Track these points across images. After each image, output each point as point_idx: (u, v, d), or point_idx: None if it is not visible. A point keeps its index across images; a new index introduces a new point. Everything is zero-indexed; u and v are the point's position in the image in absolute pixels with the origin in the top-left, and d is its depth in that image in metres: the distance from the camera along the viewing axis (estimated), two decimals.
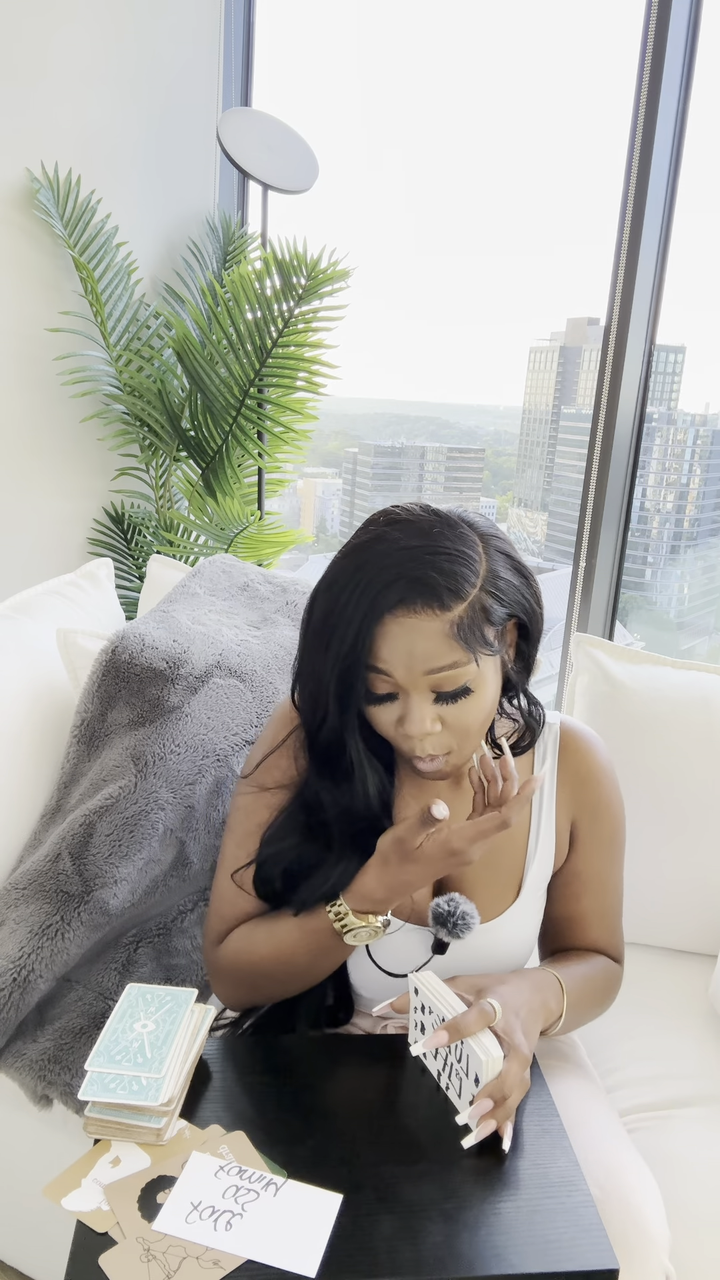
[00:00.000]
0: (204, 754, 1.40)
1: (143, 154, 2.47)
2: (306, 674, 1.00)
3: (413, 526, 0.94)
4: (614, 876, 1.17)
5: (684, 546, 2.91)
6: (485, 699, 0.97)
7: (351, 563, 0.94)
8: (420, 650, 0.92)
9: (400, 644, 0.92)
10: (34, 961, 1.24)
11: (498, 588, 0.95)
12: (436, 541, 0.93)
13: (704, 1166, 1.17)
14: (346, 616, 0.93)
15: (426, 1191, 0.84)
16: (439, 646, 0.92)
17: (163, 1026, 0.93)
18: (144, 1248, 0.78)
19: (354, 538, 0.98)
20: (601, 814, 1.14)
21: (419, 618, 0.91)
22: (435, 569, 0.91)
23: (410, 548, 0.92)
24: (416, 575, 0.91)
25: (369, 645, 0.93)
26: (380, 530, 0.95)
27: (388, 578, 0.91)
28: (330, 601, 0.95)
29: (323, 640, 0.95)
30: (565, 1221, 0.81)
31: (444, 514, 0.96)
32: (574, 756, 1.14)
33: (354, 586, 0.93)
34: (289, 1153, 0.87)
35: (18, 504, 2.47)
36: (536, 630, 1.02)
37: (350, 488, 3.52)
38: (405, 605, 0.91)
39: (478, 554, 0.95)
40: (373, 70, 2.93)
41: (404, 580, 0.91)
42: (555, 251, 2.90)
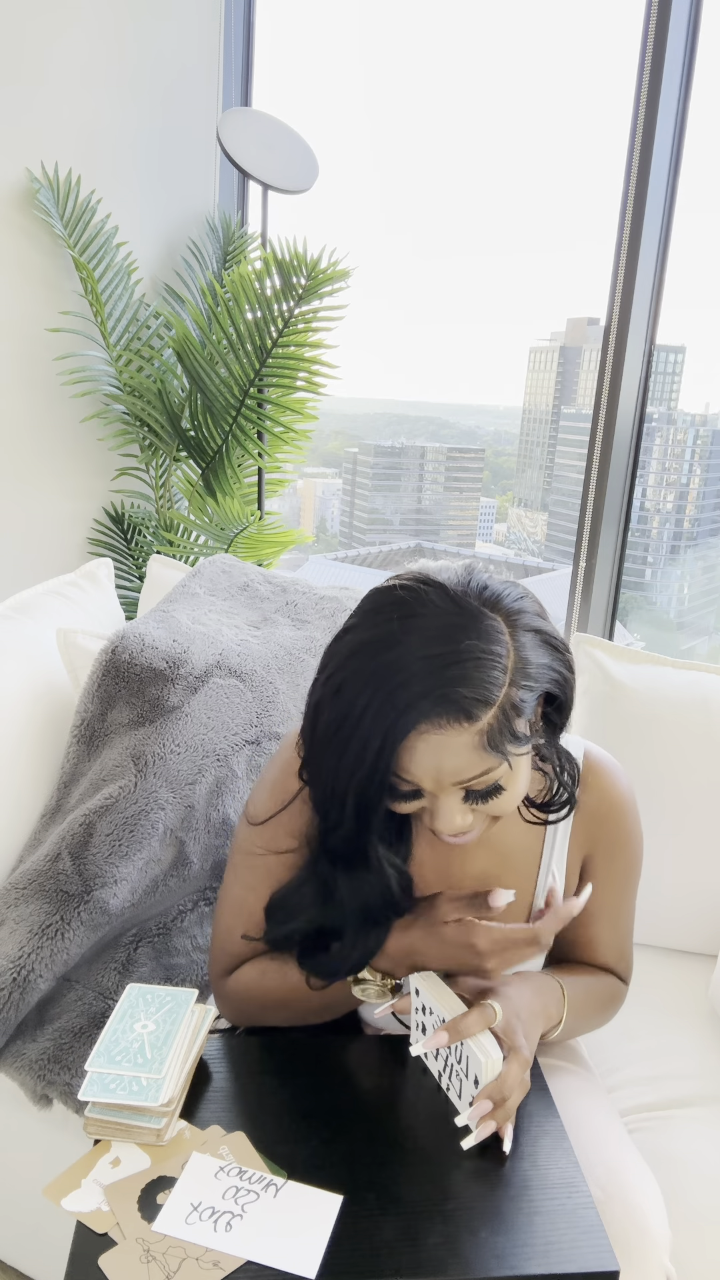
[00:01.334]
0: (204, 754, 1.40)
1: (143, 154, 2.47)
2: (317, 778, 0.92)
3: (430, 625, 0.84)
4: (626, 906, 1.13)
5: (684, 546, 2.91)
6: (518, 787, 0.91)
7: (363, 667, 0.84)
8: (449, 766, 0.85)
9: (426, 760, 0.85)
10: (34, 961, 1.24)
11: (528, 675, 0.86)
12: (460, 647, 0.83)
13: (704, 1166, 1.17)
14: (363, 733, 0.84)
15: (427, 1192, 0.84)
16: (468, 759, 0.85)
17: (163, 1027, 0.93)
18: (144, 1248, 0.78)
19: (362, 626, 0.87)
20: (618, 852, 1.10)
21: (445, 733, 0.83)
22: (462, 680, 0.82)
23: (430, 657, 0.82)
24: (441, 692, 0.82)
25: (392, 765, 0.85)
26: (393, 628, 0.84)
27: (409, 696, 0.82)
28: (341, 710, 0.85)
29: (335, 752, 0.86)
30: (566, 1223, 0.81)
31: (463, 600, 0.85)
32: (593, 793, 1.08)
33: (369, 699, 0.83)
34: (289, 1154, 0.87)
35: (18, 504, 2.47)
36: (569, 698, 0.94)
37: (350, 488, 3.52)
38: (429, 721, 0.83)
39: (504, 646, 0.85)
40: (373, 70, 2.93)
41: (428, 699, 0.82)
42: (555, 251, 2.90)
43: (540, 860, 1.09)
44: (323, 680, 0.89)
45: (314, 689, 0.90)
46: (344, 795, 0.88)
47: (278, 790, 1.06)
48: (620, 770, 1.12)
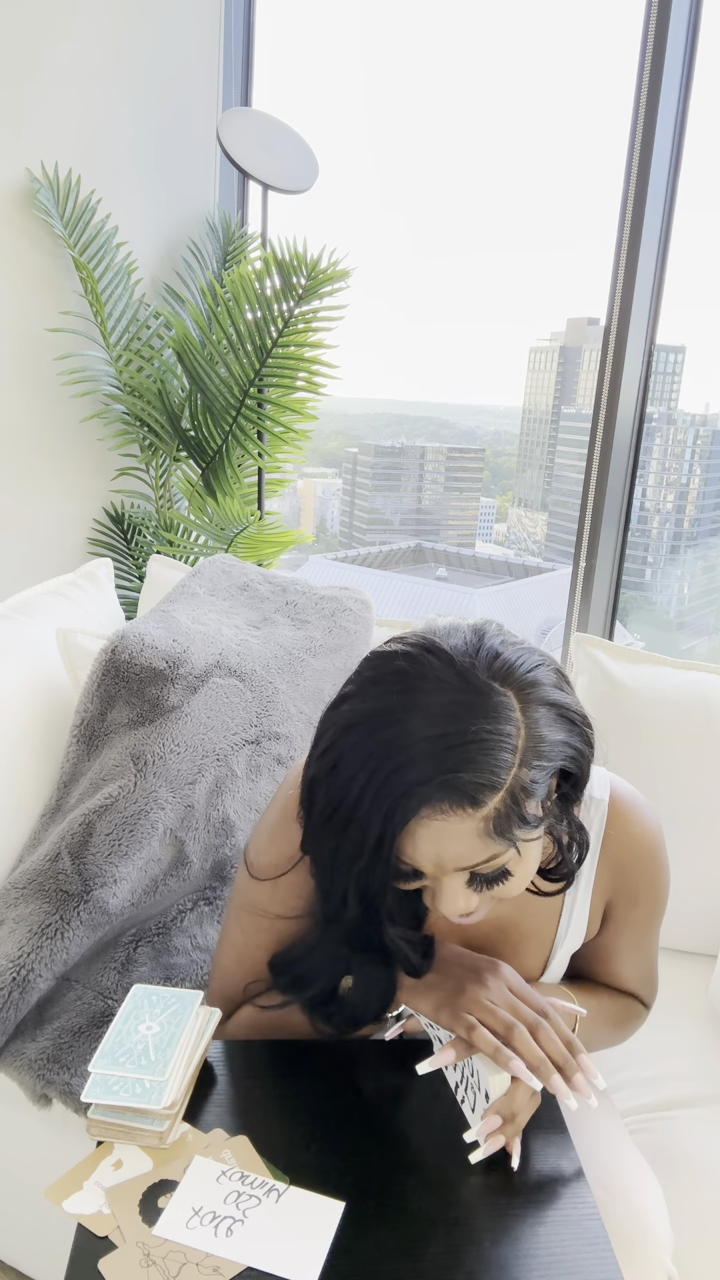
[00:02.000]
0: (204, 754, 1.40)
1: (143, 154, 2.46)
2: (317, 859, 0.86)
3: (433, 701, 0.77)
4: (650, 940, 1.09)
5: (684, 546, 2.91)
6: (528, 870, 0.85)
7: (361, 744, 0.78)
8: (450, 853, 0.79)
9: (427, 847, 0.79)
10: (33, 961, 1.23)
11: (540, 754, 0.79)
12: (464, 729, 0.76)
13: (705, 1166, 1.17)
14: (361, 818, 0.78)
15: (430, 1201, 0.83)
16: (472, 846, 0.79)
17: (167, 1029, 0.93)
18: (144, 1252, 0.78)
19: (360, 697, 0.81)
20: (643, 895, 1.05)
21: (448, 820, 0.77)
22: (467, 764, 0.76)
23: (433, 739, 0.76)
24: (444, 778, 0.76)
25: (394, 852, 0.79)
26: (394, 702, 0.78)
27: (408, 781, 0.76)
28: (339, 791, 0.79)
29: (333, 834, 0.81)
30: (570, 1234, 0.81)
31: (470, 675, 0.78)
32: (621, 836, 1.02)
33: (367, 780, 0.77)
34: (292, 1159, 0.87)
35: (18, 504, 2.47)
36: (586, 770, 0.87)
37: (350, 488, 3.52)
38: (432, 807, 0.76)
39: (514, 724, 0.78)
40: (373, 70, 2.93)
41: (429, 785, 0.76)
42: (555, 251, 2.90)
43: (562, 906, 1.05)
44: (319, 754, 0.82)
45: (310, 762, 0.84)
46: (345, 883, 0.83)
47: (278, 837, 0.99)
48: (648, 809, 1.05)
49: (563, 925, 1.05)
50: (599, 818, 1.02)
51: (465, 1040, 0.89)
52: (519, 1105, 0.87)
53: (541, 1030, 0.89)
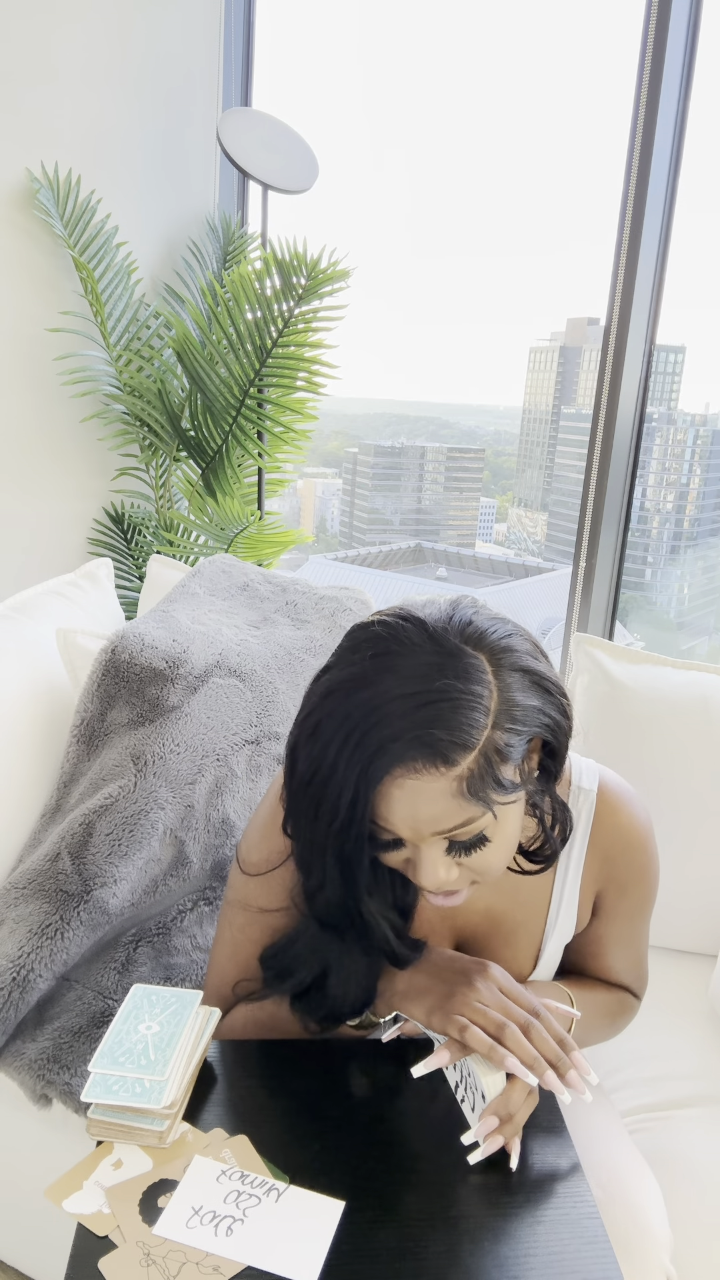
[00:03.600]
0: (204, 754, 1.40)
1: (143, 154, 2.46)
2: (298, 831, 0.87)
3: (406, 664, 0.79)
4: (640, 932, 1.10)
5: (684, 546, 2.91)
6: (507, 840, 0.86)
7: (337, 709, 0.79)
8: (425, 814, 0.79)
9: (402, 808, 0.80)
10: (33, 961, 1.24)
11: (514, 719, 0.80)
12: (436, 686, 0.78)
13: (704, 1167, 1.17)
14: (337, 781, 0.79)
15: (430, 1200, 0.83)
16: (446, 807, 0.79)
17: (167, 1028, 0.93)
18: (144, 1252, 0.78)
19: (339, 665, 0.82)
20: (632, 886, 1.05)
21: (422, 779, 0.78)
22: (437, 722, 0.77)
23: (404, 697, 0.77)
24: (415, 734, 0.77)
25: (368, 812, 0.80)
26: (367, 668, 0.79)
27: (381, 738, 0.77)
28: (317, 755, 0.80)
29: (311, 804, 0.82)
30: (569, 1233, 0.81)
31: (443, 638, 0.80)
32: (609, 826, 1.03)
33: (343, 741, 0.78)
34: (292, 1158, 0.87)
35: (18, 504, 2.47)
36: (563, 746, 0.88)
37: (350, 488, 3.52)
38: (404, 765, 0.77)
39: (486, 687, 0.79)
40: (373, 70, 2.93)
41: (402, 741, 0.77)
42: (555, 251, 2.90)
43: (551, 896, 1.05)
44: (300, 721, 0.84)
45: (292, 732, 0.85)
46: (323, 850, 0.84)
47: (269, 833, 1.01)
48: (637, 800, 1.06)
49: (552, 916, 1.05)
50: (588, 808, 1.03)
51: (459, 1041, 0.89)
52: (515, 1105, 0.87)
53: (533, 1029, 0.89)
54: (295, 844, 0.89)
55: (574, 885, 1.04)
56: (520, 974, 1.06)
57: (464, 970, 0.93)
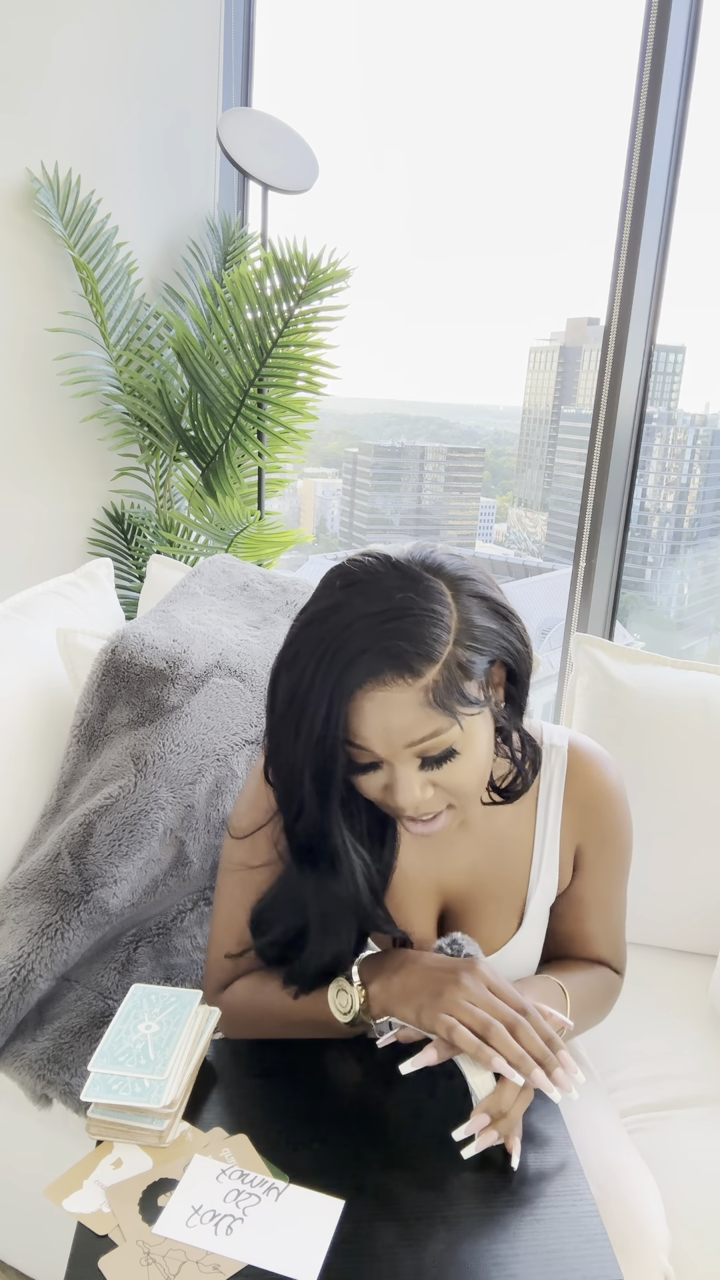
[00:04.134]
0: (204, 754, 1.40)
1: (143, 154, 2.47)
2: (278, 763, 0.92)
3: (372, 588, 0.86)
4: (619, 897, 1.14)
5: (684, 546, 2.91)
6: (477, 756, 0.91)
7: (312, 635, 0.86)
8: (397, 724, 0.85)
9: (375, 720, 0.85)
10: (34, 961, 1.24)
11: (474, 638, 0.87)
12: (400, 604, 0.84)
13: (704, 1166, 1.17)
14: (314, 698, 0.85)
15: (429, 1198, 0.83)
16: (415, 717, 0.85)
17: (167, 1028, 0.93)
18: (144, 1251, 0.78)
19: (313, 602, 0.89)
20: (609, 841, 1.10)
21: (390, 689, 0.84)
22: (401, 635, 0.83)
23: (372, 614, 0.84)
24: (383, 646, 0.83)
25: (342, 726, 0.85)
26: (338, 597, 0.86)
27: (351, 652, 0.83)
28: (295, 679, 0.87)
29: (291, 725, 0.87)
30: (568, 1231, 0.81)
31: (405, 566, 0.87)
32: (581, 782, 1.08)
33: (318, 661, 0.85)
34: (291, 1157, 0.87)
35: (18, 504, 2.47)
36: (524, 670, 0.94)
37: (350, 488, 3.52)
38: (374, 678, 0.84)
39: (447, 607, 0.86)
40: (373, 70, 2.93)
41: (369, 653, 0.83)
42: (555, 251, 2.90)
43: (532, 851, 1.09)
44: (279, 655, 0.91)
45: (273, 666, 0.92)
46: (302, 771, 0.89)
47: (258, 802, 1.05)
48: (609, 760, 1.12)
49: (534, 871, 1.09)
50: (560, 764, 1.09)
51: (446, 1040, 0.90)
52: (507, 1103, 0.88)
53: (520, 1028, 0.90)
54: (277, 776, 0.93)
55: (554, 840, 1.09)
56: (506, 932, 1.09)
57: (452, 969, 0.94)
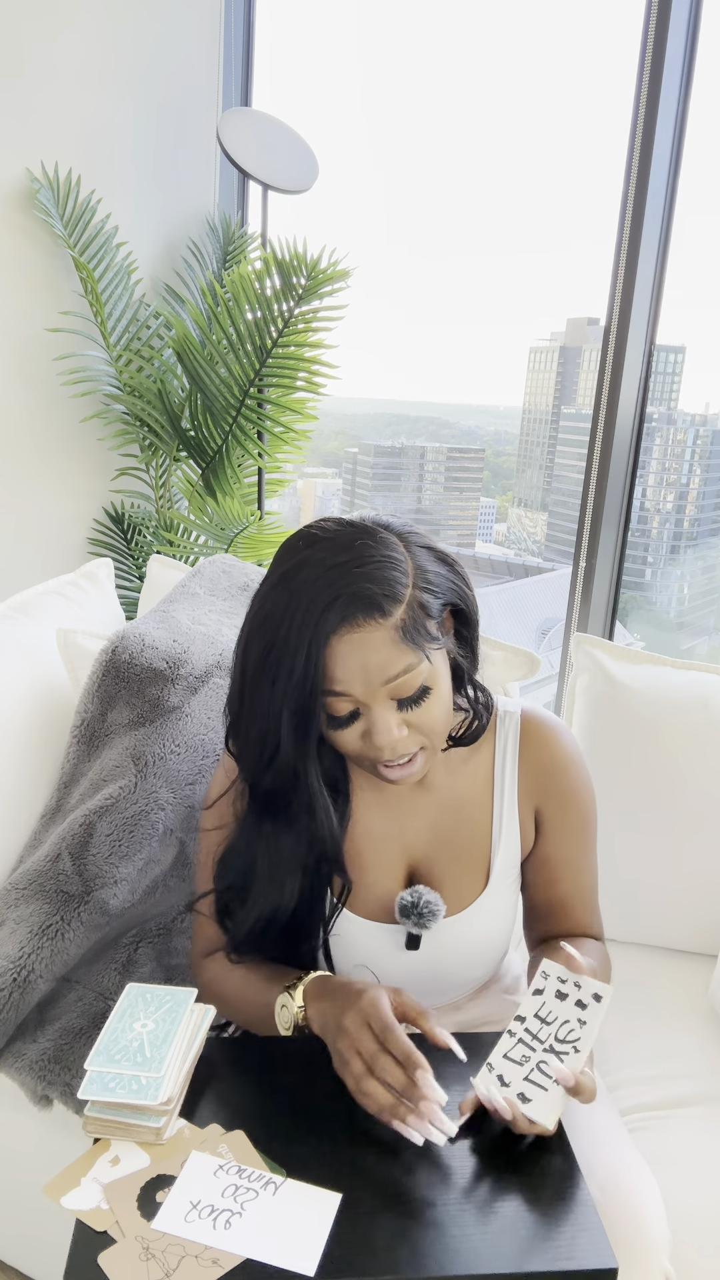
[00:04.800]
0: (204, 754, 1.40)
1: (143, 154, 2.47)
2: (252, 714, 0.98)
3: (334, 543, 0.94)
4: (588, 859, 1.18)
5: (684, 546, 2.91)
6: (443, 693, 0.98)
7: (282, 594, 0.93)
8: (374, 662, 0.92)
9: (353, 661, 0.92)
10: (34, 961, 1.24)
11: (428, 581, 0.96)
12: (361, 552, 0.93)
13: (704, 1166, 1.17)
14: (291, 647, 0.91)
15: (426, 1190, 0.83)
16: (390, 653, 0.92)
17: (162, 1026, 0.93)
18: (143, 1246, 0.78)
19: (275, 567, 0.96)
20: (569, 802, 1.14)
21: (364, 630, 0.91)
22: (368, 579, 0.91)
23: (338, 564, 0.92)
24: (352, 590, 0.91)
25: (321, 670, 0.92)
26: (303, 555, 0.94)
27: (325, 599, 0.90)
28: (269, 636, 0.93)
29: (268, 676, 0.94)
30: (565, 1220, 0.81)
31: (359, 524, 0.96)
32: (535, 745, 1.14)
33: (291, 616, 0.91)
34: (288, 1152, 0.87)
35: (18, 504, 2.47)
36: (473, 613, 1.03)
37: (350, 488, 3.52)
38: (348, 622, 0.91)
39: (402, 554, 0.95)
40: (373, 70, 2.93)
41: (342, 598, 0.90)
42: (555, 251, 2.90)
43: (492, 814, 1.13)
44: (249, 619, 0.97)
45: (241, 634, 0.98)
46: (279, 715, 0.94)
47: (225, 775, 1.13)
48: (562, 726, 1.17)
49: (495, 831, 1.13)
50: (513, 729, 1.15)
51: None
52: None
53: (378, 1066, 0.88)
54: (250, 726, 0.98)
55: (511, 802, 1.14)
56: (473, 892, 1.13)
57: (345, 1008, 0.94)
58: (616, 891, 1.47)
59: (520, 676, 1.60)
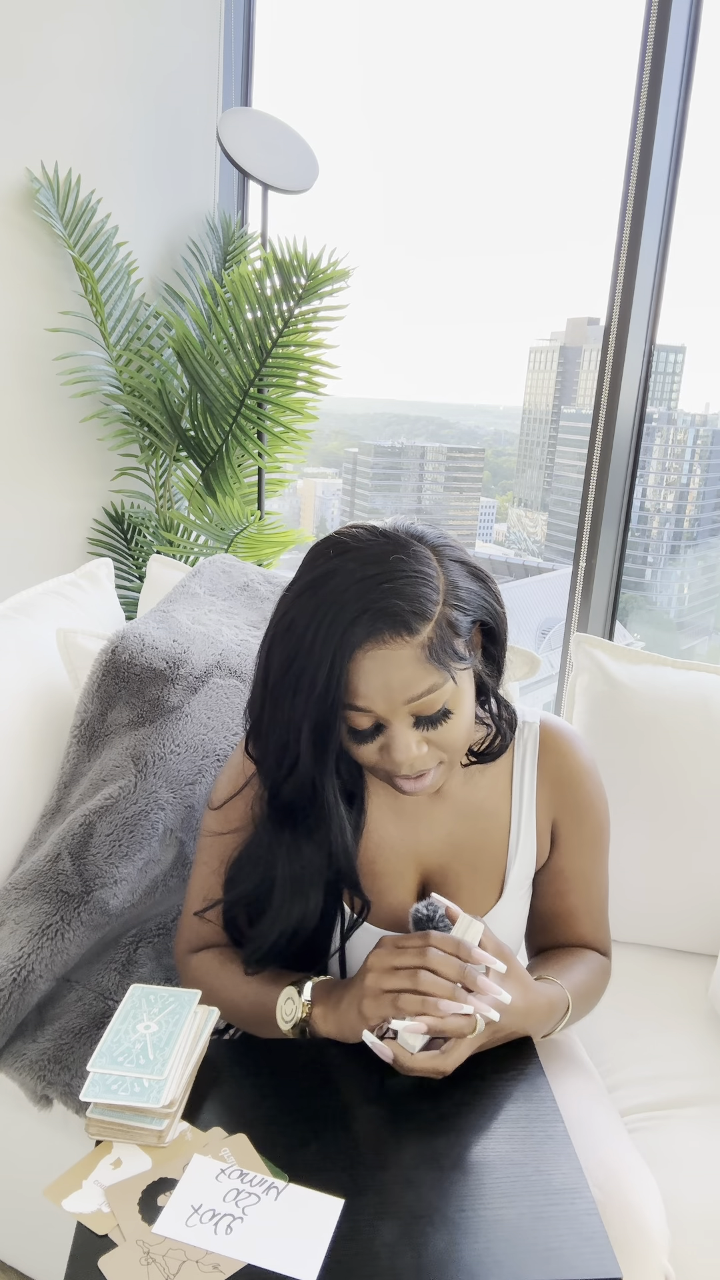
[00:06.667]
0: (204, 754, 1.40)
1: (143, 154, 2.47)
2: (273, 723, 0.96)
3: (365, 554, 0.91)
4: (599, 873, 1.17)
5: (684, 546, 2.91)
6: (465, 714, 0.96)
7: (309, 602, 0.91)
8: (397, 680, 0.90)
9: (376, 678, 0.90)
10: (34, 961, 1.24)
11: (459, 598, 0.93)
12: (393, 566, 0.90)
13: (704, 1166, 1.17)
14: (315, 659, 0.89)
15: (428, 1197, 0.83)
16: (415, 673, 0.90)
17: (165, 1028, 0.93)
18: (144, 1250, 0.78)
19: (304, 573, 0.94)
20: (585, 814, 1.13)
21: (390, 647, 0.89)
22: (397, 595, 0.89)
23: (367, 578, 0.89)
24: (381, 606, 0.88)
25: (344, 684, 0.90)
26: (333, 564, 0.91)
27: (351, 613, 0.88)
28: (293, 645, 0.91)
29: (289, 687, 0.92)
30: (568, 1229, 0.81)
31: (393, 534, 0.93)
32: (554, 756, 1.13)
33: (316, 626, 0.89)
34: (291, 1156, 0.87)
35: (18, 504, 2.47)
36: (502, 631, 1.01)
37: (350, 488, 3.52)
38: (374, 638, 0.88)
39: (434, 569, 0.92)
40: (373, 70, 2.93)
41: (369, 613, 0.88)
42: (555, 251, 2.90)
43: (510, 824, 1.12)
44: (273, 625, 0.95)
45: (265, 638, 0.96)
46: (299, 726, 0.92)
47: (235, 777, 1.12)
48: (580, 737, 1.16)
49: (512, 842, 1.12)
50: (532, 739, 1.13)
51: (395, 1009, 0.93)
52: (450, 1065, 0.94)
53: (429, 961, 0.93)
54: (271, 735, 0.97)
55: (530, 813, 1.12)
56: (486, 902, 1.12)
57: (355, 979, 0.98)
58: (616, 891, 1.46)
59: (520, 676, 1.60)
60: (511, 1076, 0.97)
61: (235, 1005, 1.07)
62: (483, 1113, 0.93)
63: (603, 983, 1.18)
